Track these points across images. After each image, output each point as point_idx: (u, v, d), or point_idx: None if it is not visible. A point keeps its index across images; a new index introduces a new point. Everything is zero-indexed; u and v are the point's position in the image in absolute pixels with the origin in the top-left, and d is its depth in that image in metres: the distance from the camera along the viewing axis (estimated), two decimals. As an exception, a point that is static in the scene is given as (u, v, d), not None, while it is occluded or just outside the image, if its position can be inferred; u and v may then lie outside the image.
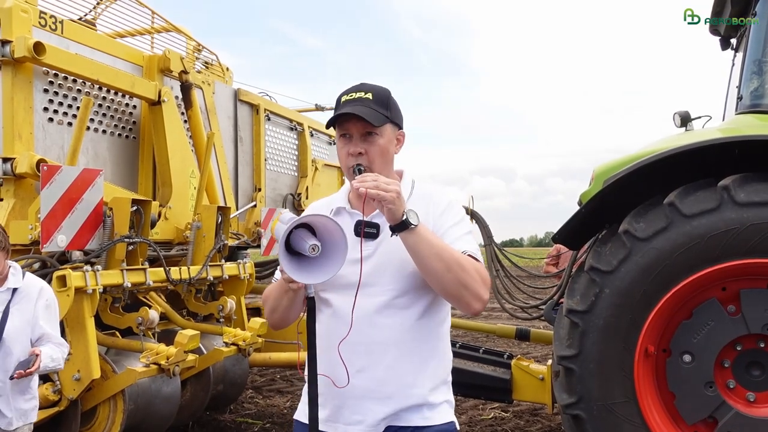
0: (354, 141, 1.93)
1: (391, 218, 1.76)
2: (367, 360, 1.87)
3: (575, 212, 3.51)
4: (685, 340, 3.23)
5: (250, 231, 5.69)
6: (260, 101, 6.09)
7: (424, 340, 1.93)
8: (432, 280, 1.83)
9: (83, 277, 3.42)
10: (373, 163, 1.93)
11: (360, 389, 1.86)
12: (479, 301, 1.84)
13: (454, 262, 1.80)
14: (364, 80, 2.04)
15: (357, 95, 1.96)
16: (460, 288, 1.80)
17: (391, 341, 1.87)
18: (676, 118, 3.78)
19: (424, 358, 1.92)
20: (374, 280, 1.88)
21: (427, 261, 1.79)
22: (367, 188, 1.73)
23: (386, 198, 1.73)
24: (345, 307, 1.87)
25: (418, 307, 1.91)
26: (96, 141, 4.41)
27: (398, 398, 1.88)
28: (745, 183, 3.10)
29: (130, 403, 3.72)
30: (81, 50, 4.22)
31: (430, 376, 1.93)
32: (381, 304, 1.88)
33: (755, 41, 3.88)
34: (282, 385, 6.78)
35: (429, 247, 1.79)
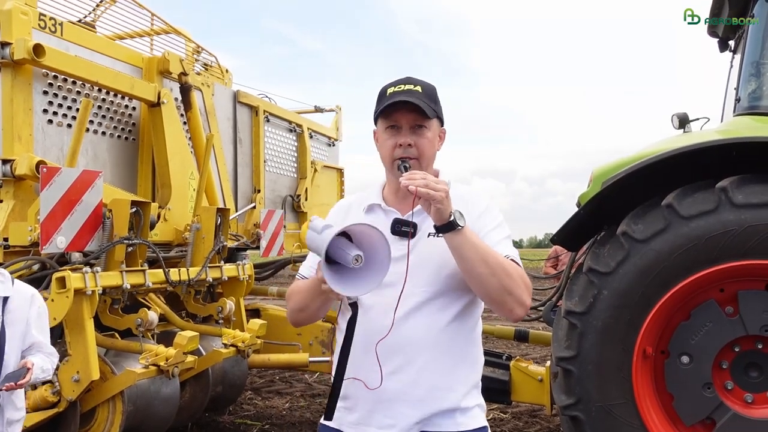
0: (403, 132, 1.89)
1: (438, 218, 1.72)
2: (399, 362, 1.82)
3: (574, 214, 3.52)
4: (683, 341, 3.24)
5: (250, 232, 5.70)
6: (259, 103, 6.10)
7: (458, 343, 1.89)
8: (475, 284, 1.79)
9: (83, 278, 3.42)
10: (422, 156, 1.89)
11: (392, 392, 1.82)
12: (522, 307, 1.80)
13: (498, 267, 1.76)
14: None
15: (406, 87, 1.91)
16: (504, 293, 1.77)
17: (425, 343, 1.83)
18: (674, 119, 3.79)
19: (457, 361, 1.88)
20: (410, 281, 1.82)
21: (471, 264, 1.75)
22: (417, 186, 1.68)
23: (435, 197, 1.68)
24: (378, 308, 1.82)
25: (453, 310, 1.87)
26: (95, 143, 4.42)
27: (431, 402, 1.83)
28: (742, 184, 3.11)
29: (129, 404, 3.72)
30: (80, 52, 4.22)
31: (463, 380, 1.90)
32: (415, 305, 1.83)
33: (753, 43, 3.89)
34: (281, 387, 6.79)
35: (474, 250, 1.74)
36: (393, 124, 1.90)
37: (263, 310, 5.61)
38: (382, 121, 1.93)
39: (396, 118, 1.89)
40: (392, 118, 1.89)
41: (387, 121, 1.91)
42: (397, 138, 1.89)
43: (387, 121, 1.91)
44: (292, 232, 6.42)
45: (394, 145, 1.89)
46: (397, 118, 1.89)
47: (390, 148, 1.90)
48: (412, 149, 1.88)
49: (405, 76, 1.97)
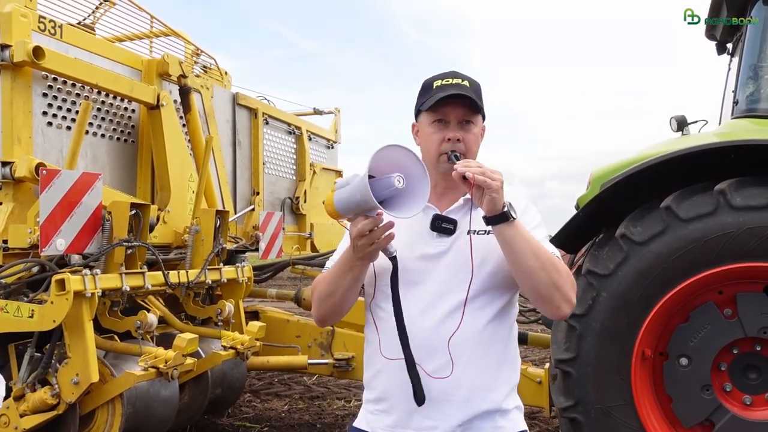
0: (451, 127, 1.84)
1: (492, 209, 1.66)
2: (441, 361, 1.78)
3: (572, 216, 3.53)
4: (682, 343, 3.25)
5: (249, 234, 5.70)
6: (258, 105, 6.11)
7: (498, 342, 1.86)
8: (524, 278, 1.74)
9: (82, 280, 3.42)
10: (468, 151, 1.84)
11: (435, 392, 1.78)
12: (569, 305, 1.77)
13: (548, 261, 1.73)
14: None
15: (454, 81, 1.86)
16: (552, 289, 1.73)
17: (467, 343, 1.79)
18: (672, 122, 3.81)
19: (498, 361, 1.85)
20: (447, 279, 1.81)
21: (522, 257, 1.70)
22: (474, 173, 1.63)
23: (492, 186, 1.63)
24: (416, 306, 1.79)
25: (493, 308, 1.84)
26: (95, 145, 4.42)
27: (473, 402, 1.80)
28: (741, 187, 3.13)
29: (129, 406, 3.72)
30: (80, 54, 4.22)
31: (504, 381, 1.87)
32: (456, 303, 1.80)
33: (751, 46, 3.91)
34: (280, 389, 6.79)
35: (525, 243, 1.70)
36: (441, 118, 1.85)
37: (262, 313, 5.61)
38: (428, 115, 1.87)
39: (445, 112, 1.84)
40: (441, 112, 1.84)
41: (434, 115, 1.85)
42: (445, 132, 1.84)
43: (434, 115, 1.85)
44: (291, 234, 6.43)
45: (442, 139, 1.84)
46: (446, 112, 1.84)
47: (437, 142, 1.85)
48: (460, 144, 1.83)
49: (451, 70, 1.91)
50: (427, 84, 1.91)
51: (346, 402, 6.28)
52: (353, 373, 5.22)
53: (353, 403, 6.23)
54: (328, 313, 1.90)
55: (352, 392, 6.60)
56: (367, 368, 1.95)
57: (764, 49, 3.87)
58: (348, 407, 6.11)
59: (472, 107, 1.84)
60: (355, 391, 6.61)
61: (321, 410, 6.04)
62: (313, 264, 5.92)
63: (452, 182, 1.83)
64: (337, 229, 7.36)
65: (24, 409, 3.52)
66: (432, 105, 1.83)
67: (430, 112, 1.86)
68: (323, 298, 1.87)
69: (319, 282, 1.92)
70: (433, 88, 1.87)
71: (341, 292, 1.82)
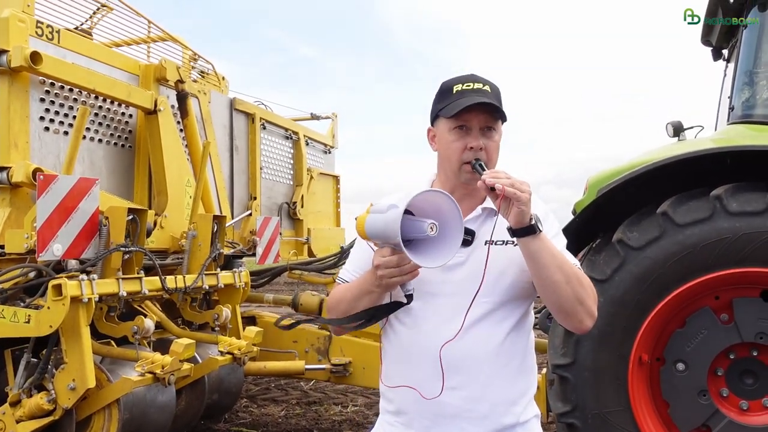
0: (473, 134, 1.77)
1: (519, 221, 1.61)
2: (461, 377, 1.75)
3: (569, 221, 3.53)
4: (678, 348, 3.25)
5: (246, 240, 5.69)
6: (256, 110, 6.11)
7: (517, 354, 1.82)
8: (548, 292, 1.70)
9: (79, 286, 3.41)
10: (490, 160, 1.78)
11: (453, 407, 1.76)
12: (591, 319, 1.74)
13: (573, 275, 1.69)
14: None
15: (475, 86, 1.79)
16: (576, 303, 1.69)
17: (486, 357, 1.76)
18: (668, 128, 3.82)
19: (517, 373, 1.82)
20: (465, 290, 1.76)
21: (547, 271, 1.66)
22: (504, 185, 1.58)
23: (521, 198, 1.58)
24: (433, 319, 1.77)
25: (511, 321, 1.80)
26: (92, 150, 4.42)
27: (493, 418, 1.77)
28: (737, 193, 3.14)
29: (125, 412, 3.71)
30: (78, 60, 4.23)
31: (523, 392, 1.84)
32: (476, 316, 1.76)
33: (746, 52, 3.93)
34: (277, 394, 6.77)
35: (551, 257, 1.66)
36: (462, 125, 1.78)
37: (259, 318, 5.61)
38: (448, 121, 1.80)
39: (467, 119, 1.77)
40: (462, 119, 1.77)
41: (455, 121, 1.78)
42: (467, 140, 1.77)
43: (455, 121, 1.78)
44: (288, 239, 6.43)
45: (464, 147, 1.77)
46: (468, 119, 1.77)
47: (459, 150, 1.78)
48: (482, 153, 1.77)
49: (469, 73, 1.84)
50: (446, 88, 1.84)
51: (343, 407, 6.28)
52: (350, 378, 5.22)
53: (350, 408, 6.23)
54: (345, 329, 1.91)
55: (349, 398, 6.59)
56: (386, 379, 1.91)
57: (760, 55, 3.89)
58: (345, 413, 6.10)
59: (494, 113, 1.78)
60: (352, 397, 6.60)
61: (318, 416, 6.02)
62: (310, 269, 5.93)
63: (470, 190, 1.82)
64: (334, 234, 7.37)
65: (20, 414, 3.51)
66: (463, 109, 1.76)
67: (451, 119, 1.79)
68: (340, 315, 1.85)
69: (335, 297, 1.89)
70: (453, 93, 1.80)
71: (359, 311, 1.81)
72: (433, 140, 1.91)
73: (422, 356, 1.78)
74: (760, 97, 3.83)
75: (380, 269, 1.64)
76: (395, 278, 1.64)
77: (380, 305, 1.77)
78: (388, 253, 1.63)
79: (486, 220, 1.84)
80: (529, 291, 1.82)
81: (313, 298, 5.57)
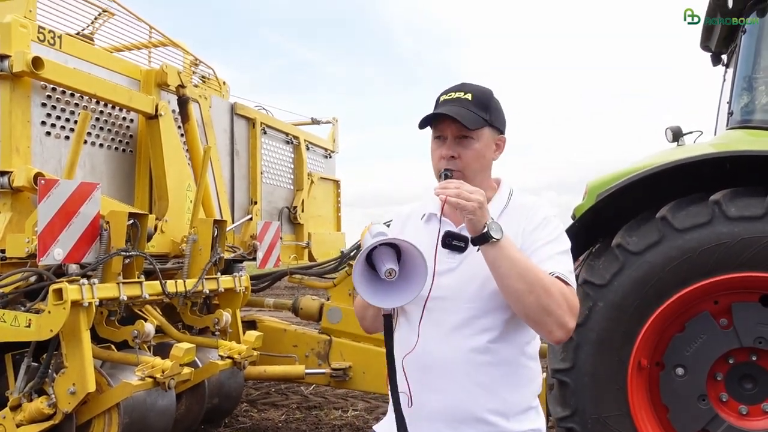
0: (448, 144, 1.82)
1: (472, 229, 1.66)
2: (440, 380, 1.76)
3: (569, 226, 3.54)
4: (678, 353, 3.25)
5: (246, 244, 5.71)
6: (256, 115, 6.13)
7: (504, 364, 1.79)
8: (512, 301, 1.70)
9: (80, 290, 3.42)
10: (467, 168, 1.81)
11: (429, 410, 1.77)
12: (562, 330, 1.68)
13: (538, 284, 1.65)
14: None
15: (456, 95, 1.84)
16: (542, 313, 1.66)
17: (467, 363, 1.75)
18: (668, 133, 3.83)
19: (502, 384, 1.78)
20: (454, 296, 1.78)
21: (507, 280, 1.66)
22: (448, 195, 1.63)
23: (466, 207, 1.62)
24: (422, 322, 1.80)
25: (499, 329, 1.77)
26: (93, 155, 4.43)
27: (471, 424, 1.76)
28: (736, 197, 3.14)
29: (125, 416, 3.71)
30: (79, 65, 4.25)
31: (511, 404, 1.79)
32: (458, 321, 1.77)
33: (745, 57, 3.94)
34: (277, 399, 6.77)
35: (510, 265, 1.65)
36: (439, 135, 1.85)
37: (259, 322, 5.61)
38: (432, 130, 1.88)
39: (441, 129, 1.84)
40: (438, 129, 1.84)
41: (434, 131, 1.86)
42: (441, 150, 1.83)
43: (434, 131, 1.86)
44: (288, 244, 6.44)
45: (439, 156, 1.84)
46: (442, 129, 1.83)
47: (436, 159, 1.85)
48: (457, 161, 1.81)
49: (461, 82, 1.89)
50: (437, 97, 1.90)
51: (343, 412, 6.27)
52: (350, 382, 5.22)
53: (350, 413, 6.22)
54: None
55: (349, 402, 6.59)
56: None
57: (758, 61, 3.90)
58: (345, 417, 6.10)
59: (467, 122, 1.79)
60: (352, 401, 6.60)
61: (318, 420, 6.02)
62: (311, 273, 5.93)
63: None
64: (334, 238, 7.38)
65: (21, 419, 3.52)
66: (424, 122, 1.84)
67: (432, 128, 1.86)
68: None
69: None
70: (438, 103, 1.86)
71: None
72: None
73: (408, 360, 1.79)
74: (758, 102, 3.84)
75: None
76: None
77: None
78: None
79: None
80: None
81: (313, 303, 5.58)
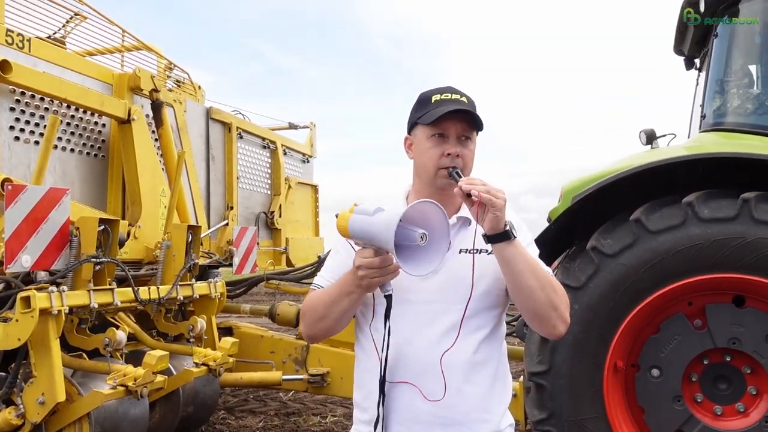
0: (450, 142, 1.81)
1: (495, 227, 1.65)
2: (434, 383, 1.76)
3: (544, 229, 3.55)
4: (653, 354, 3.27)
5: (223, 250, 5.64)
6: (232, 119, 6.08)
7: (491, 362, 1.84)
8: (522, 299, 1.74)
9: (48, 297, 3.35)
10: (465, 167, 1.82)
11: (426, 414, 1.76)
12: (565, 324, 1.78)
13: (547, 281, 1.73)
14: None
15: (453, 96, 1.84)
16: (550, 309, 1.73)
17: (460, 364, 1.77)
18: (642, 135, 3.86)
19: (491, 382, 1.83)
20: (441, 298, 1.78)
21: (522, 276, 1.69)
22: (480, 191, 1.61)
23: (497, 205, 1.62)
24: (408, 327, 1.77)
25: (486, 329, 1.82)
26: (64, 160, 4.36)
27: (468, 424, 1.78)
28: (708, 199, 3.17)
29: (97, 426, 3.64)
30: (49, 68, 4.17)
31: (498, 401, 1.85)
32: (449, 324, 1.78)
33: (717, 61, 3.98)
34: (255, 405, 6.70)
35: (526, 263, 1.70)
36: (441, 133, 1.81)
37: (236, 328, 5.55)
38: (426, 129, 1.83)
39: (445, 127, 1.81)
40: (441, 127, 1.81)
41: (434, 129, 1.82)
42: (444, 147, 1.81)
43: (434, 129, 1.82)
44: (265, 249, 6.38)
45: (441, 153, 1.80)
46: (446, 127, 1.81)
47: (436, 156, 1.81)
48: (458, 160, 1.80)
49: (447, 85, 1.89)
50: (425, 97, 1.88)
51: (321, 418, 6.22)
52: (328, 388, 5.17)
53: (329, 418, 6.18)
54: (320, 334, 1.90)
55: (328, 408, 6.54)
56: (359, 389, 1.91)
57: (730, 64, 3.94)
58: (324, 423, 6.05)
59: (471, 123, 1.82)
60: (331, 407, 6.55)
61: (296, 426, 5.97)
62: (288, 278, 5.89)
63: (446, 198, 1.83)
64: (312, 244, 7.33)
65: (-12, 430, 3.43)
66: (441, 117, 1.79)
67: (429, 127, 1.82)
68: (316, 320, 1.85)
69: (311, 302, 1.88)
70: (431, 102, 1.84)
71: (335, 317, 1.80)
72: (410, 148, 1.94)
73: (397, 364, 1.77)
74: (730, 105, 3.88)
75: (362, 269, 1.66)
76: (376, 278, 1.66)
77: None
78: (371, 254, 1.65)
79: (460, 229, 1.86)
80: (502, 299, 1.84)
81: (290, 308, 5.53)
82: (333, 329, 1.85)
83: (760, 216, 3.07)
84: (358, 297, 1.76)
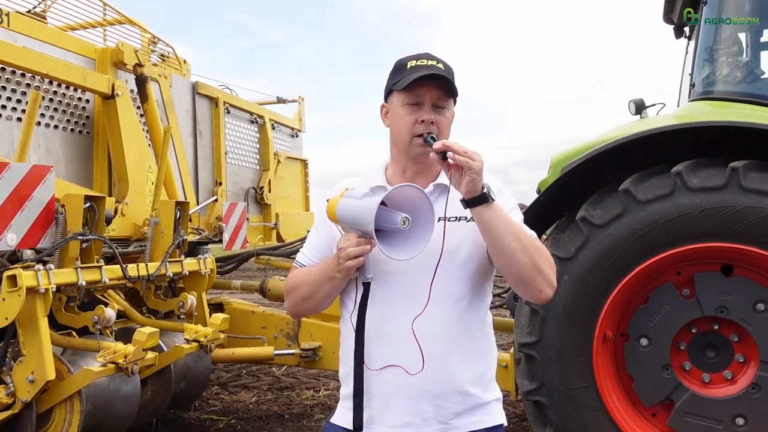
0: (425, 109, 1.77)
1: (472, 190, 1.62)
2: (411, 353, 1.73)
3: (534, 200, 3.54)
4: (642, 324, 3.29)
5: (212, 226, 5.61)
6: (219, 94, 6.00)
7: (474, 334, 1.81)
8: (506, 262, 1.69)
9: (35, 276, 3.31)
10: (441, 135, 1.76)
11: (408, 387, 1.74)
12: (551, 288, 1.74)
13: (529, 243, 1.69)
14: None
15: (429, 62, 1.78)
16: (534, 272, 1.69)
17: (435, 332, 1.74)
18: (631, 105, 3.83)
19: (475, 354, 1.80)
20: (416, 268, 1.73)
21: (503, 239, 1.66)
22: (456, 151, 1.59)
23: (473, 167, 1.58)
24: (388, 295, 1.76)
25: (467, 300, 1.78)
26: (48, 137, 4.29)
27: (449, 397, 1.75)
28: (697, 169, 3.17)
29: (88, 403, 3.63)
30: (29, 43, 4.09)
31: (483, 373, 1.82)
32: (420, 291, 1.74)
33: (706, 30, 3.94)
34: (248, 381, 6.73)
35: (506, 225, 1.66)
36: (415, 101, 1.77)
37: (227, 304, 5.54)
38: (401, 95, 1.79)
39: (419, 94, 1.77)
40: (415, 94, 1.77)
41: (408, 97, 1.78)
42: (419, 114, 1.76)
43: (408, 97, 1.78)
44: (255, 225, 6.35)
45: (415, 120, 1.77)
46: (420, 94, 1.77)
47: (410, 123, 1.77)
48: (433, 127, 1.76)
49: (424, 51, 1.84)
50: (401, 64, 1.83)
51: (315, 392, 6.26)
52: (321, 362, 5.19)
53: (322, 392, 6.22)
54: (304, 312, 1.93)
55: (321, 382, 6.58)
56: (344, 364, 1.89)
57: (719, 32, 3.91)
58: (317, 397, 6.09)
59: (446, 90, 1.78)
60: (324, 381, 6.59)
61: (290, 401, 6.00)
62: (278, 254, 5.87)
63: (423, 167, 1.81)
64: (303, 219, 7.31)
65: (-22, 409, 3.42)
66: (406, 86, 1.76)
67: (403, 93, 1.78)
68: (299, 299, 1.87)
69: (294, 281, 1.88)
70: (406, 68, 1.80)
71: (319, 298, 1.83)
72: (386, 116, 1.90)
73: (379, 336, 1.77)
74: (720, 73, 3.86)
75: (342, 252, 1.67)
76: (356, 265, 1.68)
77: None
78: (354, 239, 1.66)
79: (439, 197, 1.82)
80: (485, 268, 1.81)
81: (281, 284, 5.51)
82: (317, 308, 1.88)
83: (748, 185, 3.07)
84: (339, 282, 1.77)
